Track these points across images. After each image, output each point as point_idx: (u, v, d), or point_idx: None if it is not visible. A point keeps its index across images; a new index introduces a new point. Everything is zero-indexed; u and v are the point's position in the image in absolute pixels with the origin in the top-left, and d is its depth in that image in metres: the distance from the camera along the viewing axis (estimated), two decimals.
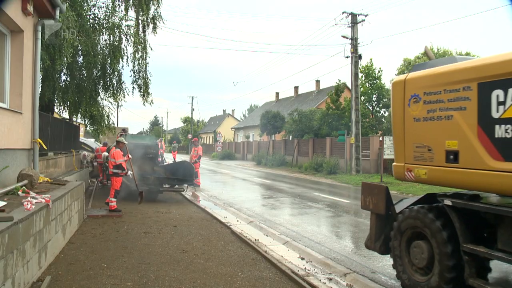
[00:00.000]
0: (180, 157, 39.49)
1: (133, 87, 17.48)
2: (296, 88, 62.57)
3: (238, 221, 11.61)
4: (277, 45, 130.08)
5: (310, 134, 37.24)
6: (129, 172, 12.17)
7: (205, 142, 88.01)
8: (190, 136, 70.31)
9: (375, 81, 34.47)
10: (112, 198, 11.92)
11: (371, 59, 39.75)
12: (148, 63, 17.37)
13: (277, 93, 68.15)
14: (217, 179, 24.82)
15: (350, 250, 8.71)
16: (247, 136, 61.75)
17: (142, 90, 17.41)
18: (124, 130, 19.23)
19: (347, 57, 27.37)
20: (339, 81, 36.83)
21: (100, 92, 17.10)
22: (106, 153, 16.01)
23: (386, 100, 33.79)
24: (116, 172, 11.94)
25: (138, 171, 14.76)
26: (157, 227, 10.21)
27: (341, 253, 8.47)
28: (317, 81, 56.84)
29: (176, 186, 15.66)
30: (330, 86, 48.82)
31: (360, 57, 27.26)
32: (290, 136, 41.62)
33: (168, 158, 33.18)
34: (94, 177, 20.11)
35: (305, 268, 7.44)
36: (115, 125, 21.13)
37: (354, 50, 27.05)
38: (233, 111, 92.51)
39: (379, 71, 34.69)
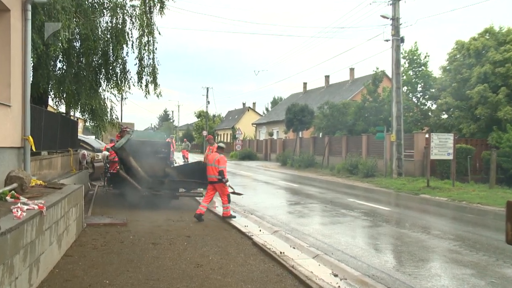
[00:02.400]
0: (193, 158, 39.64)
1: (139, 77, 17.49)
2: (327, 77, 62.28)
3: (260, 230, 11.55)
4: (303, 28, 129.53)
5: (343, 131, 36.94)
6: (228, 183, 13.42)
7: (222, 139, 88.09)
8: (205, 133, 70.57)
9: (420, 68, 33.94)
10: (226, 204, 13.17)
11: (415, 43, 39.21)
12: (156, 49, 17.36)
13: (304, 84, 68.00)
14: (236, 182, 24.75)
15: (392, 266, 8.52)
16: (271, 133, 61.70)
17: (149, 81, 17.44)
18: (126, 127, 19.43)
19: (386, 40, 27.01)
20: (377, 69, 36.42)
21: (102, 83, 17.18)
22: (106, 152, 16.13)
23: (433, 90, 33.23)
24: (220, 178, 12.99)
25: (149, 173, 14.87)
26: (167, 237, 10.21)
27: (381, 269, 8.28)
28: (351, 69, 56.39)
29: (192, 190, 15.83)
30: (366, 75, 48.29)
31: (402, 40, 26.85)
32: (320, 133, 41.37)
33: (178, 158, 33.35)
34: (94, 180, 20.32)
35: (339, 286, 7.29)
36: (119, 120, 21.26)
37: (395, 32, 26.65)
38: (254, 104, 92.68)
39: (425, 57, 34.14)
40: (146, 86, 17.14)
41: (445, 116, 31.89)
